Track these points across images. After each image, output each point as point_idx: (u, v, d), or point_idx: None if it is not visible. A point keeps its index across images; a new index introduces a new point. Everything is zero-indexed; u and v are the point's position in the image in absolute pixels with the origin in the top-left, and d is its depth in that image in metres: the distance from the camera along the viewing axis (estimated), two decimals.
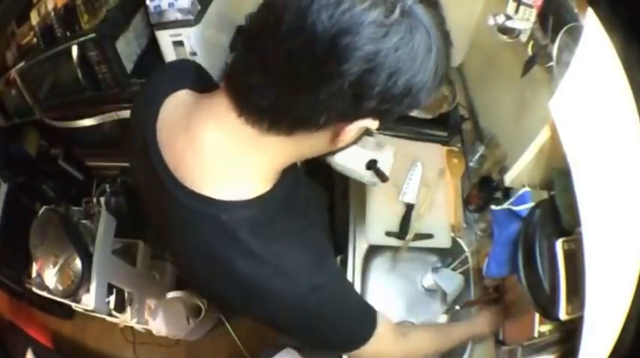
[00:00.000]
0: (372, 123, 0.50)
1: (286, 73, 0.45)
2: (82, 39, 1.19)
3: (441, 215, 1.20)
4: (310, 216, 0.68)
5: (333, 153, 0.60)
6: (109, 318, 1.56)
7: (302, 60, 0.43)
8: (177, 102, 0.59)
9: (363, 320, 0.68)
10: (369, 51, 0.42)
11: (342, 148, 0.57)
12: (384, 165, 0.93)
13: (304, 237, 0.60)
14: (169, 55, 1.31)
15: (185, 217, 0.55)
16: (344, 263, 1.16)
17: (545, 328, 0.86)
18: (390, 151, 0.96)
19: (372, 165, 0.92)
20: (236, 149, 0.53)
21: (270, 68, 0.45)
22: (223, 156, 0.53)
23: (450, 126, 1.34)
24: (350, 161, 0.93)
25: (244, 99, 0.50)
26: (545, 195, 0.91)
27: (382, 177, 0.92)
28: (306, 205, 0.68)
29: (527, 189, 0.94)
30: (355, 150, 0.93)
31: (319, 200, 0.83)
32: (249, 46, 0.47)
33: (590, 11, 0.70)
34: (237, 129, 0.51)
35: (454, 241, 1.18)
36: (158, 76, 0.68)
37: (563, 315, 0.75)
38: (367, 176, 0.94)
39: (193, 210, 0.54)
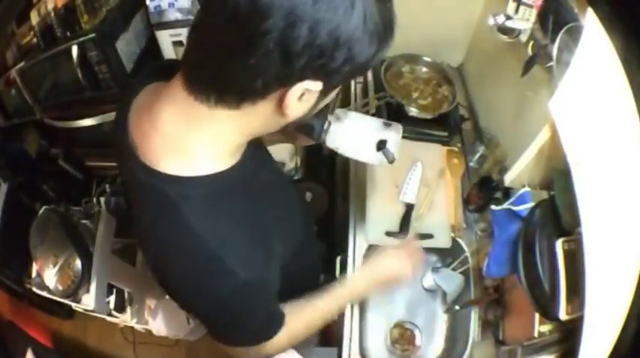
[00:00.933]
0: (314, 85, 0.50)
1: (220, 44, 0.48)
2: (82, 39, 1.19)
3: (441, 215, 1.20)
4: (269, 214, 0.67)
5: (296, 128, 0.59)
6: (109, 318, 1.56)
7: (230, 28, 0.46)
8: (148, 92, 0.62)
9: (267, 326, 0.71)
10: (287, 6, 0.43)
11: (297, 122, 0.57)
12: (392, 145, 0.92)
13: (250, 229, 0.60)
14: (169, 55, 1.31)
15: (142, 194, 0.58)
16: (344, 263, 1.16)
17: (545, 328, 0.86)
18: (396, 128, 0.94)
19: (381, 145, 0.91)
20: (188, 126, 0.55)
21: (208, 42, 0.49)
22: (178, 133, 0.55)
23: (450, 126, 1.34)
24: (358, 145, 0.92)
25: (192, 77, 0.52)
26: (545, 195, 0.91)
27: (389, 158, 0.91)
28: (266, 202, 0.68)
29: (527, 189, 0.94)
30: (363, 133, 0.92)
31: (295, 211, 0.83)
32: (195, 27, 0.51)
33: (590, 11, 0.70)
34: (189, 106, 0.53)
35: (454, 241, 1.18)
36: (139, 75, 0.71)
37: (563, 315, 0.75)
38: (377, 157, 0.92)
39: (147, 185, 0.56)
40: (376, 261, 0.92)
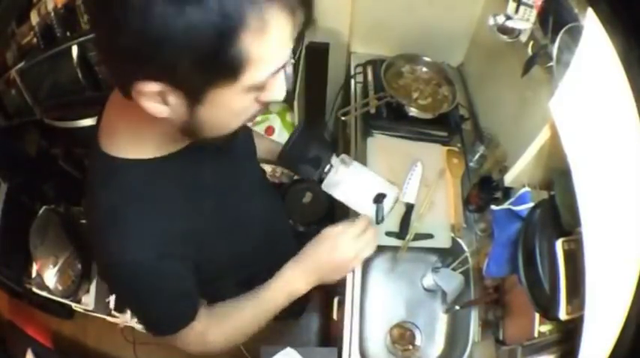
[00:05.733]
0: (152, 86, 0.46)
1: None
2: (82, 39, 1.19)
3: (441, 215, 1.20)
4: (205, 214, 0.69)
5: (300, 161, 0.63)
6: (109, 318, 1.56)
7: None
8: None
9: (176, 314, 0.71)
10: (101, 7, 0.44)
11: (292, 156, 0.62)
12: (388, 202, 0.91)
13: (166, 220, 0.62)
14: None
15: (90, 173, 0.65)
16: None
17: (545, 328, 0.86)
18: (395, 190, 0.93)
19: (379, 199, 0.90)
20: (121, 111, 0.61)
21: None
22: (117, 117, 0.63)
23: (450, 126, 1.34)
24: (357, 194, 0.91)
25: None
26: (545, 195, 0.91)
27: (379, 216, 0.89)
28: (205, 203, 0.70)
29: (527, 189, 0.94)
30: (364, 183, 0.91)
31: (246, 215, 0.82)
32: None
33: (590, 11, 0.70)
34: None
35: (454, 241, 1.18)
36: None
37: (563, 315, 0.75)
38: (367, 208, 0.90)
39: (97, 165, 0.63)
40: (307, 251, 0.80)
